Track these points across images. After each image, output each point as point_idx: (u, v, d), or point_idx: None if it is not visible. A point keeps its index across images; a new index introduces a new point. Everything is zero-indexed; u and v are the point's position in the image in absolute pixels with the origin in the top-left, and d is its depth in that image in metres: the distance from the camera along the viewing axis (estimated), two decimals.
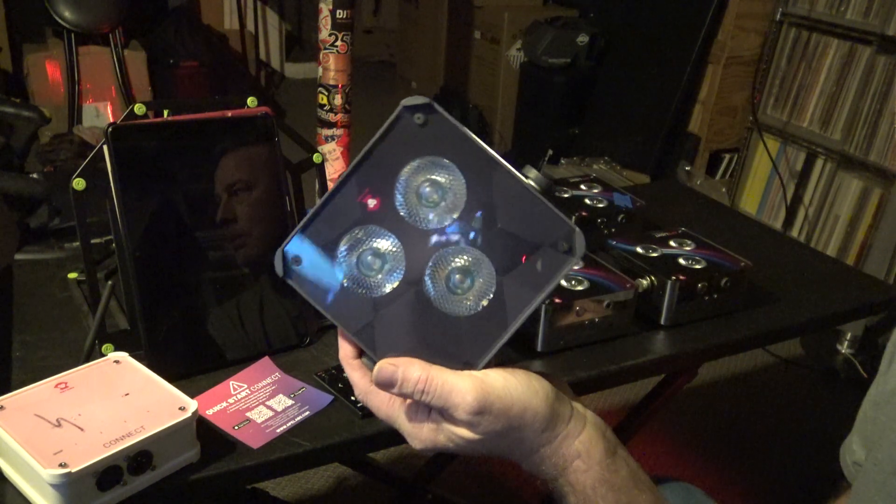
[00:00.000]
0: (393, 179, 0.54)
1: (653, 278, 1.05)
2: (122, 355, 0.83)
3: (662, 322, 1.05)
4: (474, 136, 0.54)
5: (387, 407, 0.57)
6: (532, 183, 0.53)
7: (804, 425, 2.14)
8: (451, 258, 0.55)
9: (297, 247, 0.56)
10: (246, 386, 0.89)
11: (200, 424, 0.78)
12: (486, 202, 0.54)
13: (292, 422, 0.84)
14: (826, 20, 2.66)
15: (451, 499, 1.51)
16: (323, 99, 2.44)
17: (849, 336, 2.39)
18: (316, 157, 1.06)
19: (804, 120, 2.80)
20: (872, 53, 2.54)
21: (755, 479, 1.92)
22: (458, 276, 0.55)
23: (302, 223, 0.56)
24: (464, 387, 0.53)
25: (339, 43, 2.36)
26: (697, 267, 1.07)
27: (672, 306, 1.04)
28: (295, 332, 0.98)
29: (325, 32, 2.37)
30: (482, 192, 0.54)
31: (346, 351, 0.60)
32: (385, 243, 0.55)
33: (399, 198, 0.55)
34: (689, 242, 1.14)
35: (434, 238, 0.55)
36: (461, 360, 0.55)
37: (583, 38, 3.40)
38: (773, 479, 1.92)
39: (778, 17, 2.80)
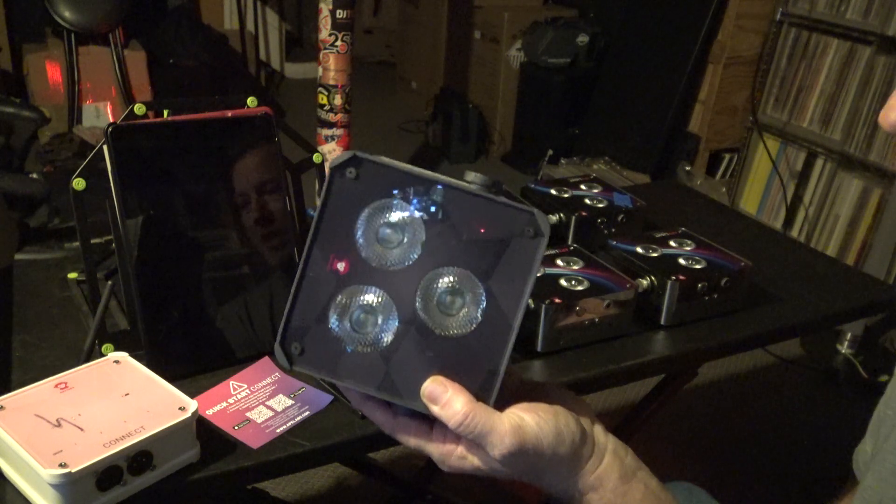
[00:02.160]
0: (351, 238, 0.56)
1: (653, 278, 1.05)
2: (122, 355, 0.83)
3: (662, 322, 1.05)
4: (407, 165, 0.56)
5: (415, 437, 0.60)
6: (476, 186, 0.55)
7: (804, 425, 2.14)
8: (435, 285, 0.56)
9: (292, 336, 0.57)
10: (246, 386, 0.89)
11: (200, 424, 0.78)
12: (445, 222, 0.56)
13: (292, 422, 0.84)
14: (826, 20, 2.66)
15: (451, 499, 1.51)
16: (323, 99, 2.44)
17: (849, 336, 2.39)
18: (316, 157, 1.06)
19: (804, 120, 2.80)
20: (872, 53, 2.54)
21: (755, 479, 1.92)
22: (447, 297, 0.56)
23: (286, 314, 0.57)
24: (502, 429, 0.56)
25: (339, 43, 2.36)
26: (697, 267, 1.07)
27: (672, 306, 1.04)
28: None
29: (325, 32, 2.37)
30: (436, 215, 0.56)
31: (354, 398, 0.61)
32: (370, 297, 0.56)
33: (363, 252, 0.56)
34: (689, 242, 1.14)
35: (411, 274, 0.56)
36: (484, 371, 0.57)
37: (583, 38, 3.41)
38: (773, 478, 1.92)
39: (778, 17, 2.80)
